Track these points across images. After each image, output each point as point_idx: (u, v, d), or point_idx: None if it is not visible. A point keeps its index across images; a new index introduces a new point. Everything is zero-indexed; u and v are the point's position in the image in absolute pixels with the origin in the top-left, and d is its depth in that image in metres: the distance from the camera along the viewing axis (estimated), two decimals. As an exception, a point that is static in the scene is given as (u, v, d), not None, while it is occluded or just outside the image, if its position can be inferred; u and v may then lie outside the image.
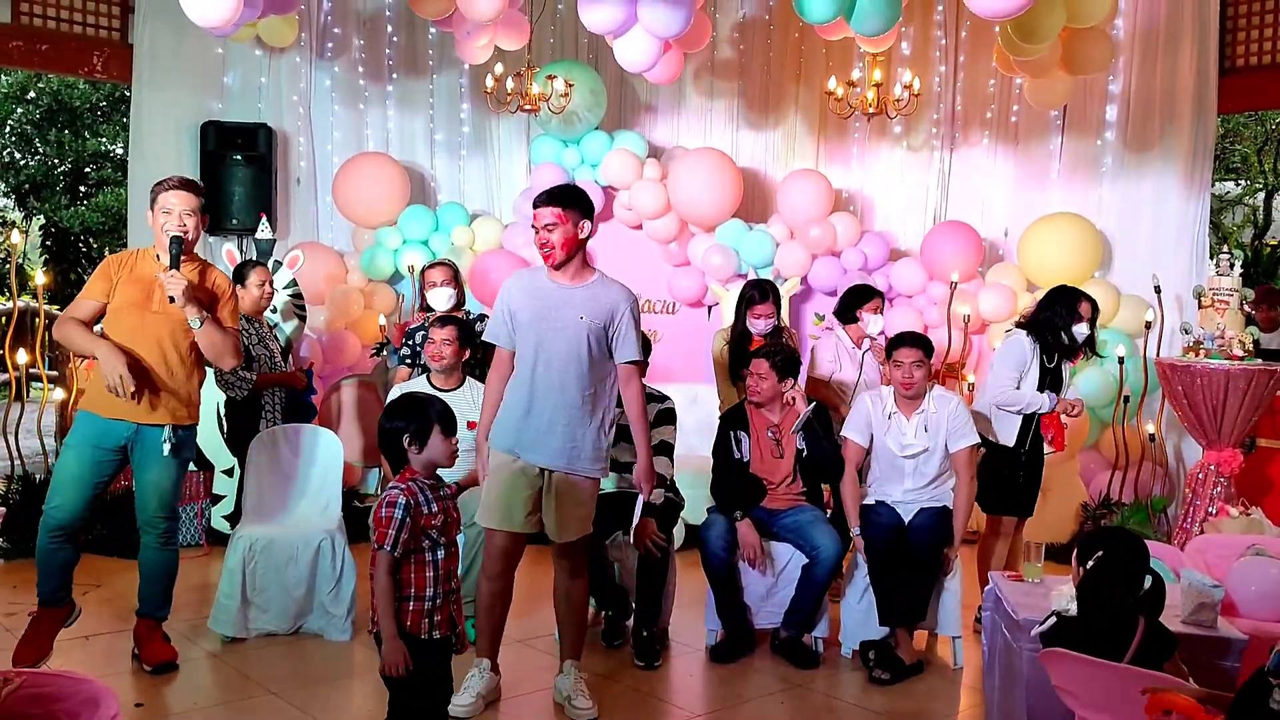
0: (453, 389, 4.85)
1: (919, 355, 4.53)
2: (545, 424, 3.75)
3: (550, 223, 3.76)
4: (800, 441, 4.61)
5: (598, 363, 3.79)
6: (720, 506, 4.64)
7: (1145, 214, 6.98)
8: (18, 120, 16.66)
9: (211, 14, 4.79)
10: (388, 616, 3.01)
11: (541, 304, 3.78)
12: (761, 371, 4.62)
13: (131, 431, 4.03)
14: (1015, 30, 5.05)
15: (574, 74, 7.05)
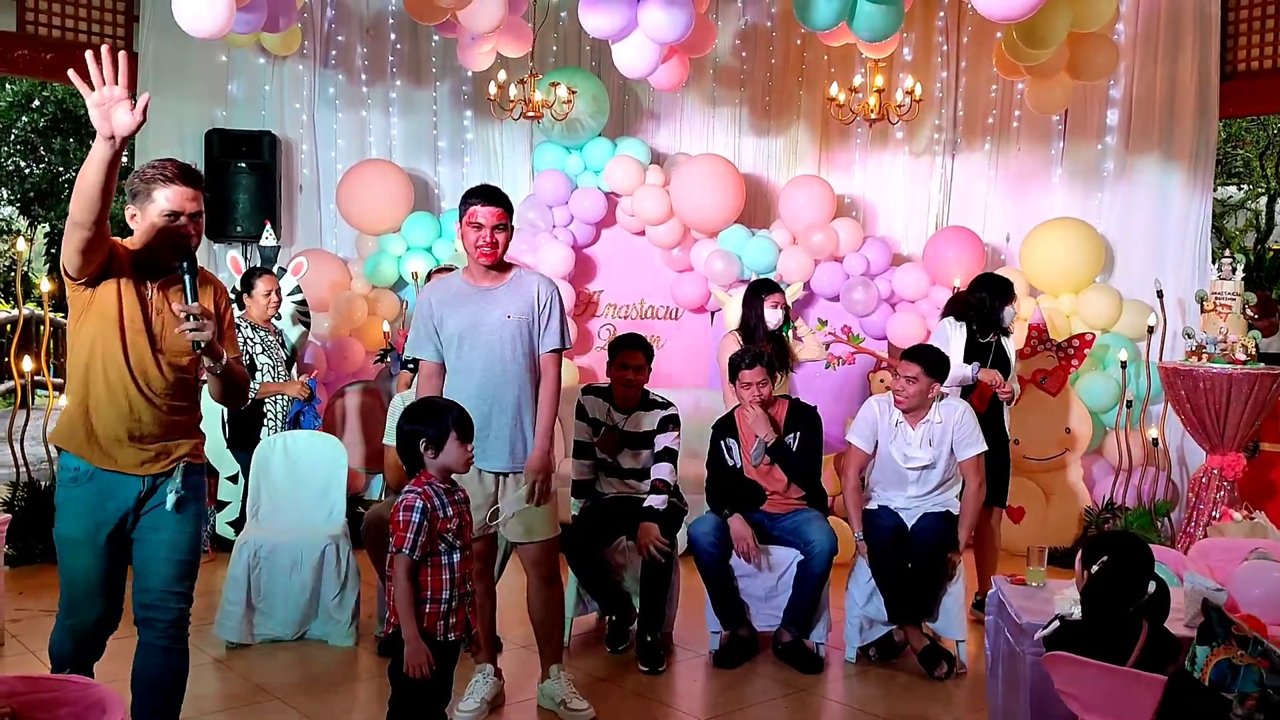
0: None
1: (915, 370, 4.52)
2: (488, 428, 3.73)
3: (499, 223, 3.80)
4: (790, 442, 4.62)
5: (530, 357, 3.80)
6: (715, 511, 4.65)
7: (1147, 218, 6.98)
8: (22, 128, 16.71)
9: (204, 24, 4.81)
10: (409, 618, 3.05)
11: (466, 310, 3.77)
12: (759, 379, 4.60)
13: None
14: (1020, 35, 5.06)
15: (576, 81, 7.07)
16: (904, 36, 7.46)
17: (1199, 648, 2.38)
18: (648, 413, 4.72)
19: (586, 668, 4.44)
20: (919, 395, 4.53)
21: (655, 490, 4.57)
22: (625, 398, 4.70)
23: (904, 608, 4.39)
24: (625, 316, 7.57)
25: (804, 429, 4.68)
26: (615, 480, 4.73)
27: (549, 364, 3.83)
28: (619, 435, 4.71)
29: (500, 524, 3.80)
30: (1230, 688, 2.37)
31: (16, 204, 16.99)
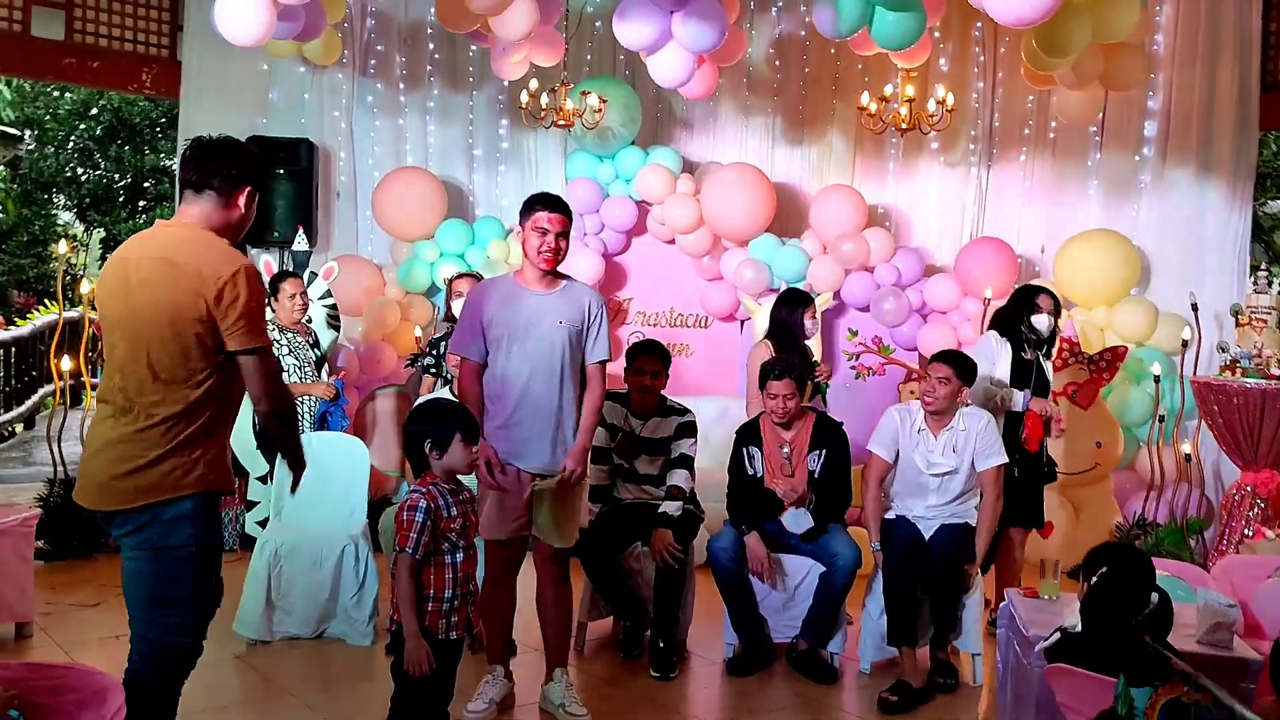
0: None
1: (947, 372, 4.50)
2: (531, 432, 3.80)
3: (562, 230, 3.85)
4: (813, 463, 4.60)
5: (575, 365, 3.87)
6: (733, 520, 4.65)
7: (1184, 231, 6.89)
8: (80, 136, 17.16)
9: (244, 33, 4.93)
10: (410, 616, 3.10)
11: (518, 313, 3.83)
12: (787, 392, 4.58)
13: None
14: (1040, 43, 5.02)
15: (609, 90, 7.12)
16: (940, 47, 7.45)
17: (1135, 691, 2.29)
18: (665, 419, 4.73)
19: (599, 672, 4.46)
20: (949, 397, 4.49)
21: (671, 497, 4.58)
22: (642, 403, 4.71)
23: (905, 629, 4.34)
24: (655, 324, 7.59)
25: (830, 447, 4.65)
26: (632, 486, 4.75)
27: (596, 374, 3.91)
28: (636, 441, 4.72)
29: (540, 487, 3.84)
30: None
31: (73, 209, 17.43)
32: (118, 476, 2.78)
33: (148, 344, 2.76)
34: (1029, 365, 5.06)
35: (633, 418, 4.73)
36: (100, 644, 4.52)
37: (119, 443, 2.79)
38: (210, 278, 2.73)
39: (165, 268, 2.75)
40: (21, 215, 16.03)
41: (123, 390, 2.80)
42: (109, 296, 2.86)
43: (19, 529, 4.51)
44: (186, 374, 2.78)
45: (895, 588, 4.35)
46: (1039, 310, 5.06)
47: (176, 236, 2.82)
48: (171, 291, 2.73)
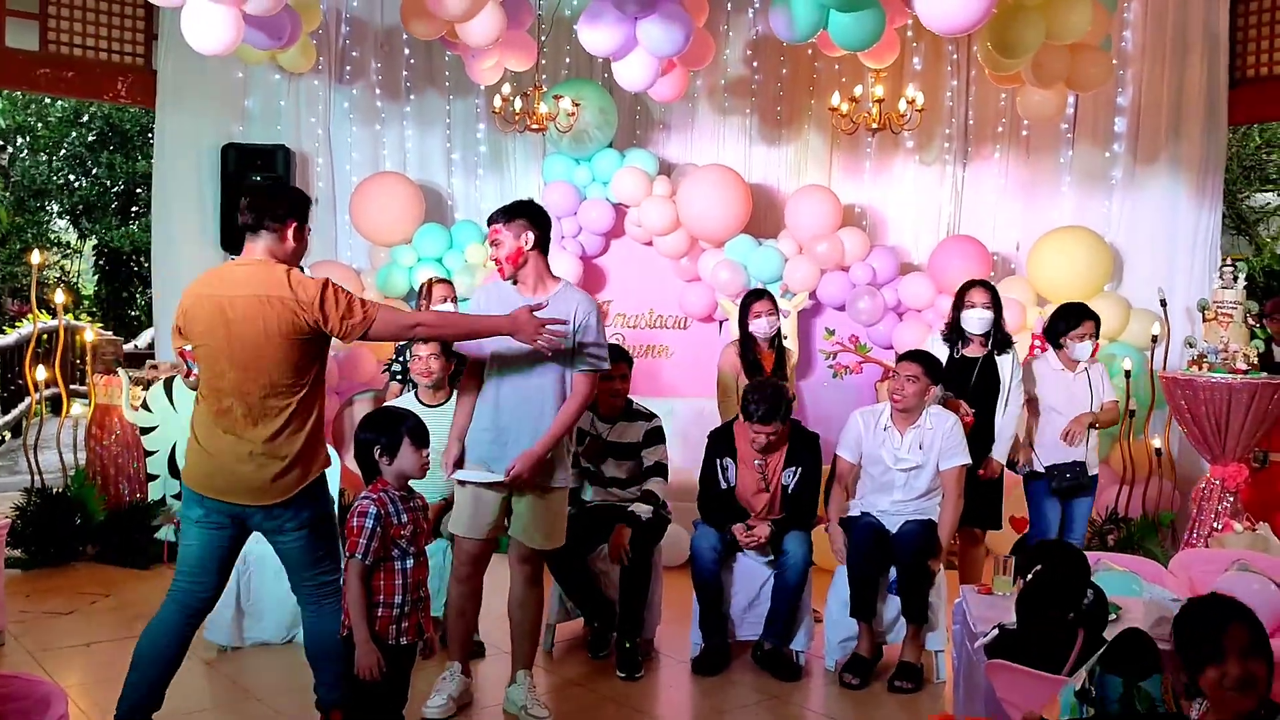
0: (439, 404, 4.91)
1: (916, 370, 4.54)
2: (514, 435, 3.81)
3: (494, 239, 3.84)
4: (788, 478, 4.63)
5: (562, 372, 3.83)
6: (708, 523, 4.68)
7: (1156, 226, 6.92)
8: (71, 144, 17.20)
9: (212, 43, 4.96)
10: (360, 622, 3.13)
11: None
12: (770, 430, 4.54)
13: None
14: (994, 44, 5.05)
15: (585, 93, 7.15)
16: (913, 46, 7.47)
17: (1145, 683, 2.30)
18: (632, 423, 4.75)
19: (567, 673, 4.50)
20: (917, 395, 4.53)
21: (643, 499, 4.61)
22: (610, 407, 4.74)
23: (867, 604, 4.38)
24: (634, 326, 7.63)
25: (804, 463, 4.67)
26: (599, 489, 4.78)
27: (577, 383, 3.85)
28: (603, 445, 4.75)
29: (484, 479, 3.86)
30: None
31: (66, 216, 17.47)
32: (274, 477, 3.35)
33: (263, 368, 3.31)
34: (969, 363, 4.99)
35: (599, 422, 4.76)
36: (71, 652, 4.56)
37: (259, 453, 3.34)
38: (306, 303, 3.29)
39: (260, 304, 3.28)
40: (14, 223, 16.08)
41: (245, 407, 3.34)
42: (206, 332, 3.36)
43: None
44: (297, 383, 3.37)
45: (859, 568, 4.39)
46: (971, 306, 4.98)
47: (255, 274, 3.33)
48: (273, 321, 3.27)
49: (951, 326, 5.05)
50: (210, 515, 3.39)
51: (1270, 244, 12.46)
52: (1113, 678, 2.42)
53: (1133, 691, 2.30)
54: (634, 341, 7.45)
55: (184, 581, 3.43)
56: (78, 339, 8.10)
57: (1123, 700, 2.29)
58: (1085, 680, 2.34)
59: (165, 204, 7.42)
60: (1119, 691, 2.31)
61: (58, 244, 17.14)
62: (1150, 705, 2.29)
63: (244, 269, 3.37)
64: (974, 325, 4.96)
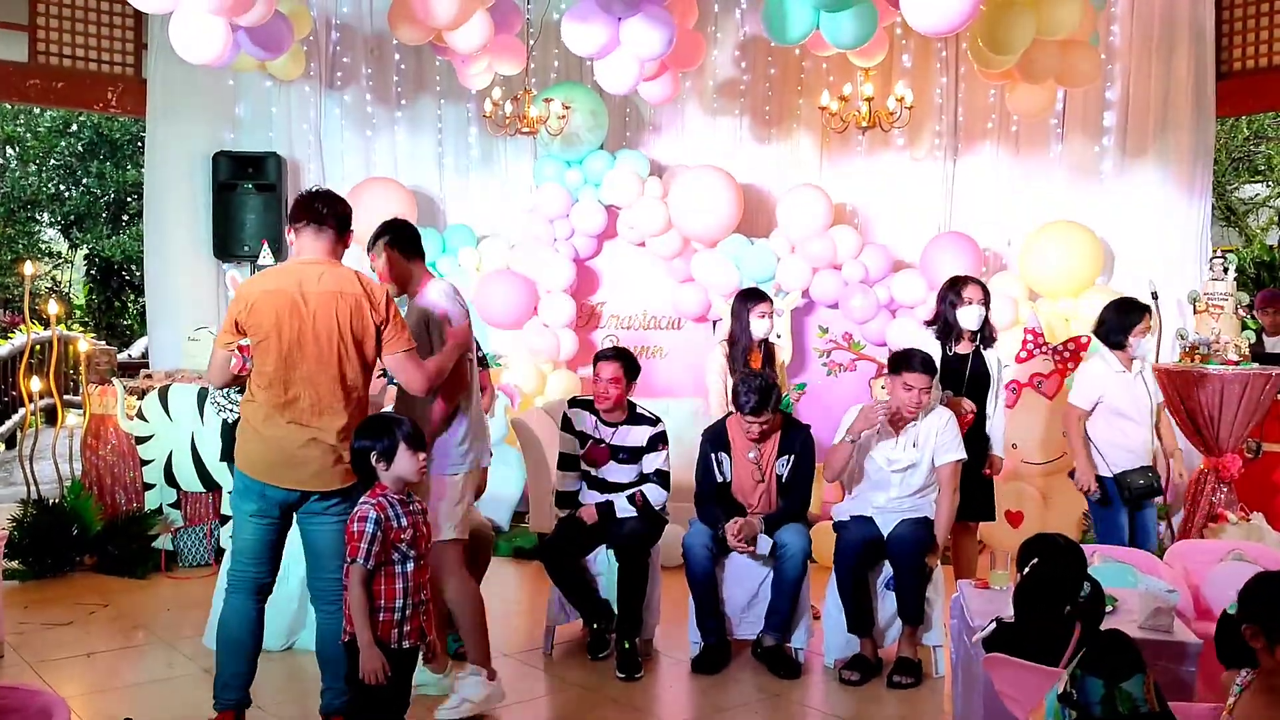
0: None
1: (927, 380, 4.50)
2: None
3: (371, 268, 4.12)
4: (781, 468, 4.64)
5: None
6: (704, 520, 4.69)
7: (1146, 219, 6.95)
8: (61, 153, 17.17)
9: (202, 53, 4.97)
10: (364, 626, 3.15)
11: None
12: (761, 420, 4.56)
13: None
14: (984, 41, 5.07)
15: (575, 95, 7.16)
16: (903, 43, 7.49)
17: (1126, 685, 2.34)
18: (635, 427, 4.75)
19: (567, 675, 4.51)
20: (927, 402, 4.55)
21: (631, 500, 4.62)
22: (607, 410, 4.74)
23: (863, 620, 4.42)
24: (628, 327, 7.64)
25: (797, 453, 4.69)
26: (598, 493, 4.78)
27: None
28: (608, 449, 4.74)
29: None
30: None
31: (58, 226, 17.44)
32: (330, 465, 3.53)
33: (335, 360, 3.52)
34: (961, 360, 4.92)
35: (603, 425, 4.75)
36: (70, 663, 4.56)
37: (325, 441, 3.53)
38: (378, 303, 3.55)
39: (335, 299, 3.50)
40: (4, 234, 16.06)
41: (313, 397, 3.53)
42: (280, 323, 3.51)
43: (-14, 550, 4.54)
44: (362, 377, 3.61)
45: (846, 586, 4.42)
46: (964, 303, 4.89)
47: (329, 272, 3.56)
48: (346, 316, 3.50)
49: (944, 322, 4.98)
50: (263, 507, 3.58)
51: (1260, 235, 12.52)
52: (1093, 680, 2.42)
53: (1114, 693, 2.31)
54: (628, 342, 7.45)
55: (248, 569, 3.65)
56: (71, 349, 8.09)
57: (1104, 702, 2.30)
58: (1067, 684, 2.35)
59: (157, 212, 7.42)
60: (1100, 694, 2.32)
61: (49, 254, 17.12)
62: (1132, 706, 2.31)
63: (314, 267, 3.57)
64: (970, 321, 4.89)
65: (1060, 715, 2.45)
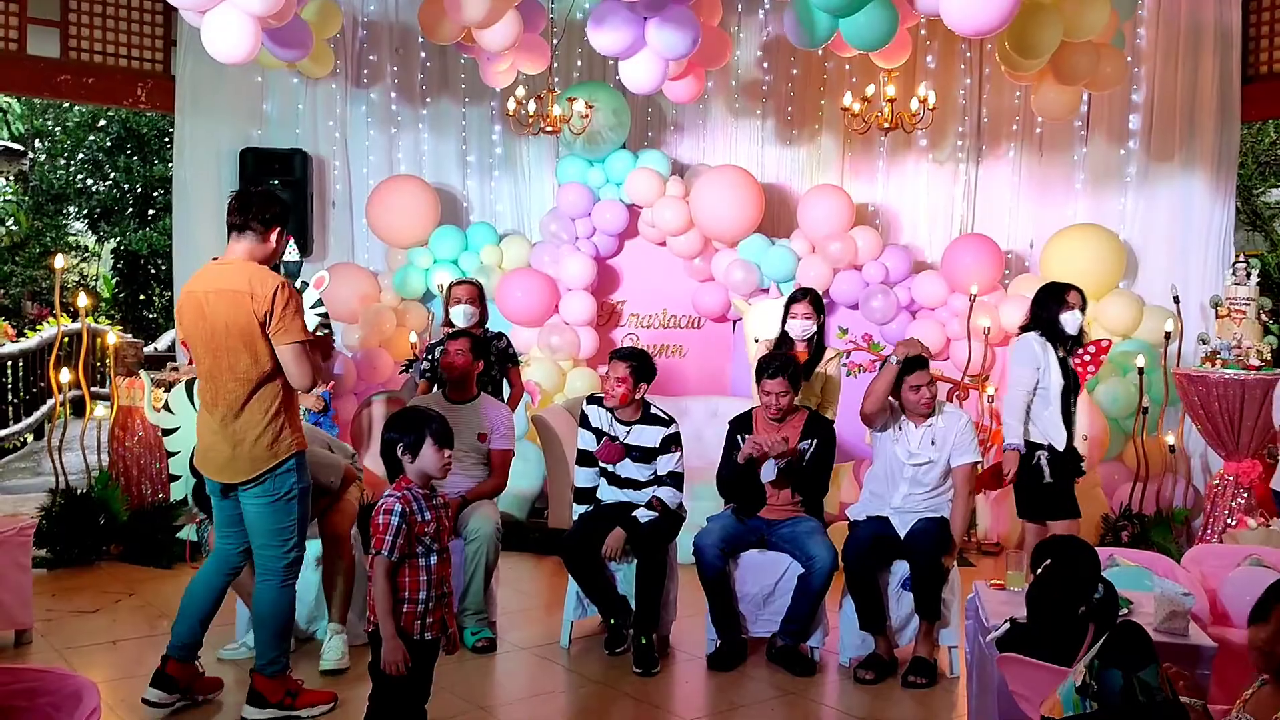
0: (464, 402, 5.01)
1: (929, 375, 4.57)
2: None
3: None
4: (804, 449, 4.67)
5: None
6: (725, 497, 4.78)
7: (1170, 223, 6.94)
8: (89, 147, 17.35)
9: (232, 51, 5.03)
10: (387, 618, 3.19)
11: None
12: (780, 389, 4.65)
13: None
14: (1011, 44, 5.07)
15: (597, 95, 7.20)
16: (926, 44, 7.50)
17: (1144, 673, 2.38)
18: (650, 427, 4.76)
19: (584, 669, 4.55)
20: (935, 396, 4.60)
21: (649, 506, 4.66)
22: (620, 409, 4.77)
23: (875, 618, 4.44)
24: (648, 326, 7.68)
25: (819, 439, 4.73)
26: (616, 489, 4.81)
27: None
28: (623, 448, 4.78)
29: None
30: None
31: (85, 220, 17.63)
32: (230, 459, 3.77)
33: (227, 356, 3.72)
34: (1065, 365, 4.95)
35: (618, 424, 4.79)
36: (97, 649, 4.64)
37: (225, 433, 3.77)
38: (261, 297, 3.67)
39: (229, 297, 3.69)
40: (33, 227, 16.24)
41: (214, 391, 3.79)
42: (191, 324, 3.81)
43: (16, 538, 4.62)
44: (257, 371, 3.73)
45: (856, 582, 4.45)
46: (1069, 307, 4.91)
47: (231, 272, 3.75)
48: (234, 313, 3.67)
49: (1049, 327, 4.94)
50: (211, 488, 3.91)
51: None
52: (1112, 671, 2.45)
53: (1133, 683, 2.34)
54: (648, 341, 7.51)
55: (220, 541, 3.99)
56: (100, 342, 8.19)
57: (1124, 692, 2.34)
58: (1085, 675, 2.38)
59: (185, 207, 7.51)
60: (1120, 684, 2.35)
61: (76, 248, 17.30)
62: (1150, 695, 2.34)
63: (223, 267, 3.81)
64: (1073, 327, 4.92)
65: (1080, 706, 2.46)
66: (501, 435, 5.04)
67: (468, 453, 4.89)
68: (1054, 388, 4.88)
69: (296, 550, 3.91)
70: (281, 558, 3.87)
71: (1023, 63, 5.29)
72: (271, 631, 3.87)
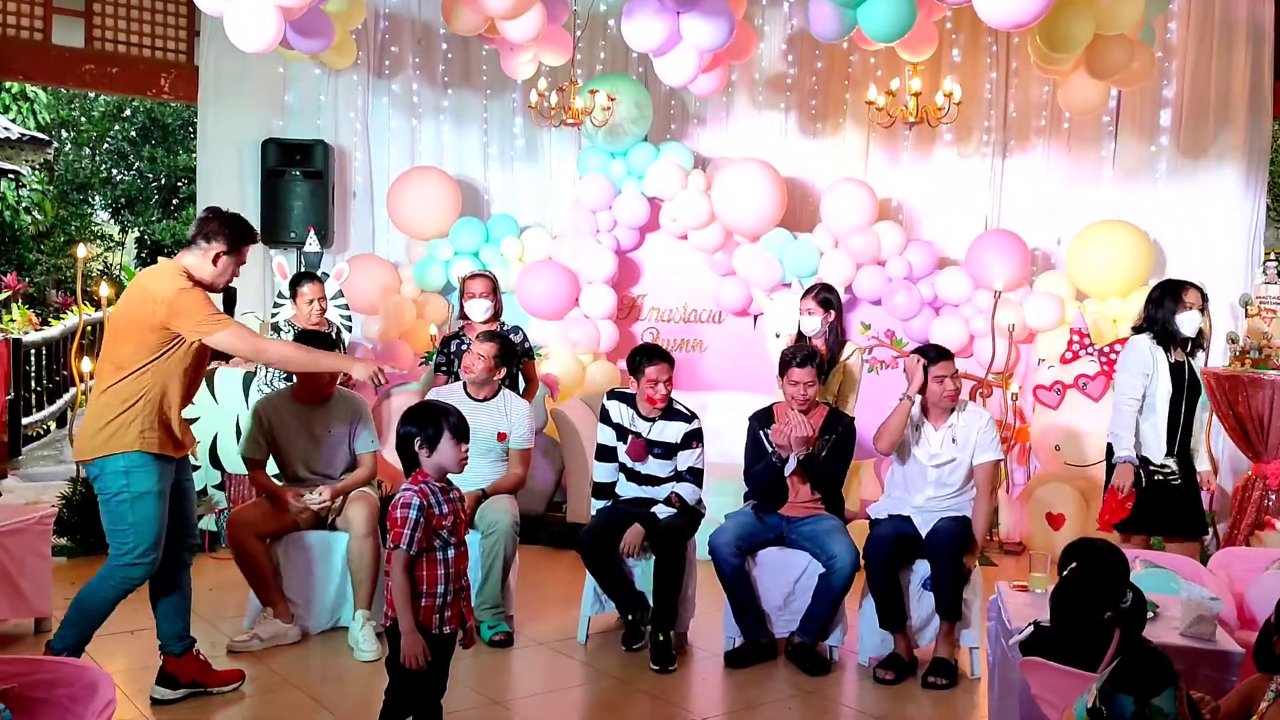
0: (485, 399, 4.99)
1: (954, 367, 4.52)
2: None
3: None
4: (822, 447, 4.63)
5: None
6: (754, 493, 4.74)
7: (1200, 220, 6.85)
8: (114, 137, 17.46)
9: (255, 41, 5.02)
10: (406, 611, 3.17)
11: None
12: (808, 379, 4.61)
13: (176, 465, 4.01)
14: (1042, 38, 5.00)
15: (619, 87, 7.16)
16: (953, 38, 7.42)
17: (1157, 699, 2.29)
18: (672, 422, 4.74)
19: (601, 665, 4.52)
20: (959, 389, 4.53)
21: (668, 502, 4.62)
22: (651, 406, 4.73)
23: (895, 616, 4.40)
24: (668, 319, 7.65)
25: (839, 434, 4.69)
26: (635, 485, 4.79)
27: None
28: (645, 443, 4.75)
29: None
30: None
31: (109, 209, 17.74)
32: (82, 436, 3.82)
33: (109, 343, 3.82)
34: (1181, 369, 4.72)
35: (640, 419, 4.76)
36: (114, 639, 4.61)
37: (88, 408, 3.87)
38: (158, 297, 3.71)
39: (133, 291, 3.82)
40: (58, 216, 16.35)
41: (96, 371, 3.90)
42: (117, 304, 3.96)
43: (36, 527, 4.64)
44: (127, 365, 3.74)
45: (877, 580, 4.41)
46: (1185, 307, 4.69)
47: (152, 271, 3.88)
48: (129, 307, 3.79)
49: (1162, 329, 4.73)
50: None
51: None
52: (1124, 697, 2.36)
53: (1145, 710, 2.25)
54: (668, 336, 7.47)
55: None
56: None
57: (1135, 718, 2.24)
58: (1096, 698, 2.30)
59: (208, 198, 7.50)
60: (1130, 710, 2.26)
61: (100, 237, 17.41)
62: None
63: (157, 266, 3.94)
64: (1190, 328, 4.70)
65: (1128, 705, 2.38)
66: (521, 435, 5.02)
67: (486, 452, 4.87)
68: (1160, 395, 4.69)
69: (133, 559, 3.79)
70: (117, 559, 3.80)
71: (1055, 57, 5.22)
72: (76, 612, 3.83)
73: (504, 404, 5.03)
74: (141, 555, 3.79)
